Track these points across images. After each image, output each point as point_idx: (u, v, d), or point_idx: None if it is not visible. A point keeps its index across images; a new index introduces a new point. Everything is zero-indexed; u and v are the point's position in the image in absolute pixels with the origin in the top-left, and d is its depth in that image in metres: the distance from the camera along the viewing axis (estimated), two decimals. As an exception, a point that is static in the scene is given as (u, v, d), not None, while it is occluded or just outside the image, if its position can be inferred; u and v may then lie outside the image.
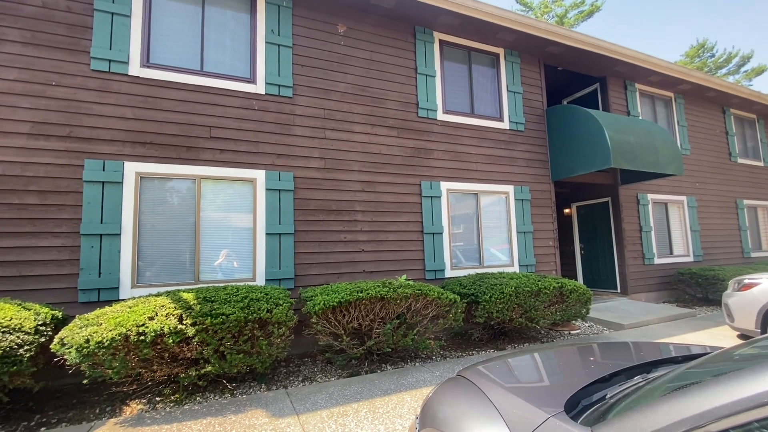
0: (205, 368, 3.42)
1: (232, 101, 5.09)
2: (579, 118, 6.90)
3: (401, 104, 6.17)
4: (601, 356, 2.16)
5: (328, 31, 5.77)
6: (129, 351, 3.19)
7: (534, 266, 6.86)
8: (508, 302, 4.82)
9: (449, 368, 4.27)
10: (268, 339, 3.66)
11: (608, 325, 6.19)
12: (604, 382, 1.67)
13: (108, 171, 4.36)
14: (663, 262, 8.63)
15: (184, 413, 3.23)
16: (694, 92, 9.68)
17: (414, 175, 6.10)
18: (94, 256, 4.21)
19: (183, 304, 3.48)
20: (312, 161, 5.44)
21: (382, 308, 4.18)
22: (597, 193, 8.93)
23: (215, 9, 5.20)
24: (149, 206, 4.58)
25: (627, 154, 6.50)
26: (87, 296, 4.15)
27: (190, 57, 5.00)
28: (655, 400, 1.18)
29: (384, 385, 3.78)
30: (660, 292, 8.49)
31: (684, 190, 9.26)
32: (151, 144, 4.62)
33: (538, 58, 7.62)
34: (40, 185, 4.13)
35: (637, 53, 7.79)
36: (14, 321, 3.03)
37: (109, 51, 4.52)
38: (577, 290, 5.34)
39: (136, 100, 4.62)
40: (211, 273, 4.78)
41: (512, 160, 7.02)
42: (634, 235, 8.34)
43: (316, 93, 5.59)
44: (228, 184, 4.99)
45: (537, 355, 2.24)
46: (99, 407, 3.41)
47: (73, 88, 4.38)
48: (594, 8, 23.42)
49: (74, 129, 4.33)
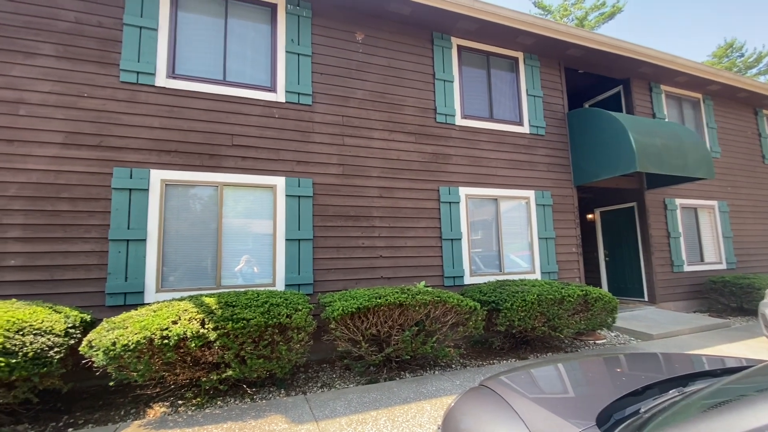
0: (226, 372, 3.45)
1: (254, 110, 5.19)
2: (602, 121, 6.73)
3: (419, 110, 6.17)
4: (630, 368, 2.07)
5: (346, 39, 5.84)
6: (153, 354, 3.26)
7: (556, 273, 6.69)
8: (530, 310, 4.70)
9: (470, 377, 4.18)
10: (288, 344, 3.67)
11: (636, 335, 5.95)
12: (635, 396, 1.59)
13: (135, 178, 4.51)
14: (693, 270, 8.27)
15: (205, 417, 3.27)
16: (724, 93, 9.31)
17: (432, 181, 6.06)
18: (121, 261, 4.34)
19: (205, 308, 3.54)
20: (330, 167, 5.48)
21: (401, 315, 4.14)
22: (622, 198, 8.66)
23: (237, 21, 5.35)
24: (173, 212, 4.70)
25: (653, 157, 6.29)
26: (114, 300, 4.27)
27: (214, 67, 5.14)
28: (695, 417, 1.11)
29: (403, 393, 3.73)
30: (690, 301, 8.13)
31: (715, 194, 8.88)
32: (176, 152, 4.76)
33: (558, 61, 7.50)
34: (71, 192, 4.30)
35: (662, 54, 7.57)
36: (45, 323, 3.14)
37: (137, 63, 4.69)
38: (602, 298, 5.16)
39: (162, 110, 4.77)
40: (232, 278, 4.86)
41: (533, 165, 6.89)
42: (662, 242, 8.03)
43: (335, 100, 5.65)
44: (249, 190, 5.08)
45: (562, 365, 2.16)
46: (124, 409, 3.49)
47: (104, 99, 4.56)
48: (615, 9, 22.95)
49: (104, 138, 4.50)
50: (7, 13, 4.34)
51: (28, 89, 4.31)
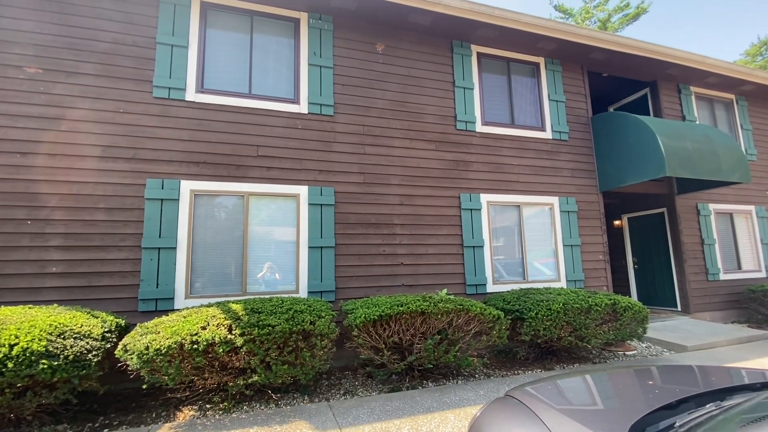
0: (252, 378, 3.52)
1: (278, 121, 5.34)
2: (627, 125, 6.56)
3: (439, 117, 6.19)
4: (664, 380, 2.00)
5: (366, 51, 5.95)
6: (183, 359, 3.37)
7: (582, 281, 6.51)
8: (556, 320, 4.60)
9: (494, 387, 4.11)
10: (311, 350, 3.72)
11: (669, 346, 5.71)
12: (670, 409, 1.54)
13: (166, 189, 4.70)
14: (730, 278, 7.88)
15: (232, 421, 3.34)
16: (759, 93, 8.92)
17: (453, 188, 6.05)
18: (152, 269, 4.52)
19: (232, 314, 3.64)
20: (352, 176, 5.56)
21: (423, 323, 4.13)
22: (651, 204, 8.38)
23: (262, 36, 5.54)
24: (201, 221, 4.87)
25: (684, 161, 6.08)
26: (146, 306, 4.45)
27: (240, 81, 5.33)
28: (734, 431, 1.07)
29: (426, 403, 3.70)
30: (727, 311, 7.73)
31: (752, 198, 8.47)
32: (204, 163, 4.94)
33: (581, 65, 7.38)
34: (108, 203, 4.53)
35: (690, 54, 7.34)
36: (84, 328, 3.31)
37: (169, 79, 4.92)
38: (632, 308, 4.99)
39: (192, 123, 4.97)
40: (257, 285, 4.97)
41: (556, 171, 6.78)
42: (695, 249, 7.70)
43: (356, 110, 5.75)
44: (273, 199, 5.21)
45: (591, 376, 2.11)
46: (155, 411, 3.61)
47: (137, 114, 4.80)
48: (640, 11, 22.38)
49: (138, 151, 4.72)
50: (51, 35, 4.65)
51: (69, 106, 4.59)
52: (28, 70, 4.53)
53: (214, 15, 5.34)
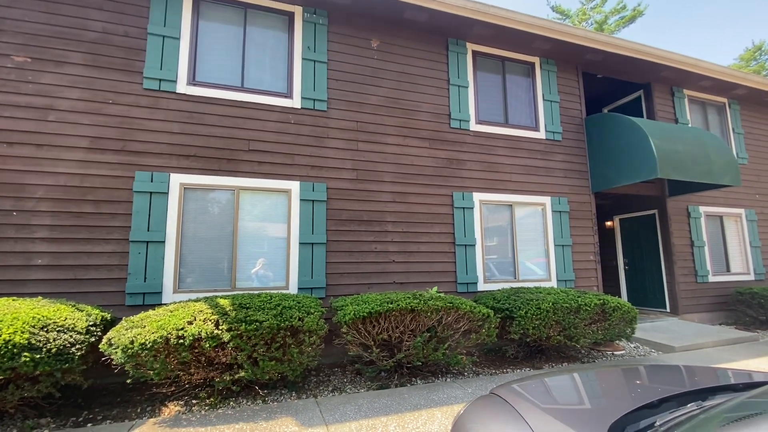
0: (239, 373, 3.49)
1: (270, 115, 5.29)
2: (621, 126, 6.59)
3: (433, 115, 6.17)
4: (648, 380, 2.01)
5: (361, 46, 5.91)
6: (169, 353, 3.33)
7: (573, 281, 6.54)
8: (545, 319, 4.61)
9: (482, 385, 4.12)
10: (299, 347, 3.69)
11: (656, 346, 5.76)
12: (651, 408, 1.54)
13: (155, 182, 4.64)
14: (719, 281, 7.96)
15: (218, 417, 3.31)
16: (751, 97, 8.99)
17: (446, 186, 6.04)
18: (140, 262, 4.46)
19: (219, 310, 3.60)
20: (344, 172, 5.53)
21: (413, 320, 4.12)
22: (642, 205, 8.44)
23: (256, 29, 5.47)
24: (191, 215, 4.82)
25: (675, 163, 6.12)
26: (133, 299, 4.39)
27: (232, 74, 5.27)
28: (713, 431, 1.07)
29: (414, 400, 3.70)
30: (715, 313, 7.82)
31: (742, 202, 8.56)
32: (194, 156, 4.88)
33: (576, 65, 7.39)
34: (96, 195, 4.46)
35: (684, 57, 7.38)
36: (68, 321, 3.26)
37: (160, 71, 4.85)
38: (620, 308, 5.02)
39: (182, 116, 4.91)
40: (247, 280, 4.93)
41: (549, 171, 6.79)
42: (685, 251, 7.77)
43: (350, 106, 5.71)
44: (265, 194, 5.16)
45: (577, 375, 2.11)
46: (140, 407, 3.57)
47: (127, 105, 4.72)
48: (636, 13, 22.53)
49: (127, 143, 4.66)
50: (39, 24, 4.56)
51: (57, 96, 4.51)
52: (16, 59, 4.44)
53: (207, 6, 5.27)
